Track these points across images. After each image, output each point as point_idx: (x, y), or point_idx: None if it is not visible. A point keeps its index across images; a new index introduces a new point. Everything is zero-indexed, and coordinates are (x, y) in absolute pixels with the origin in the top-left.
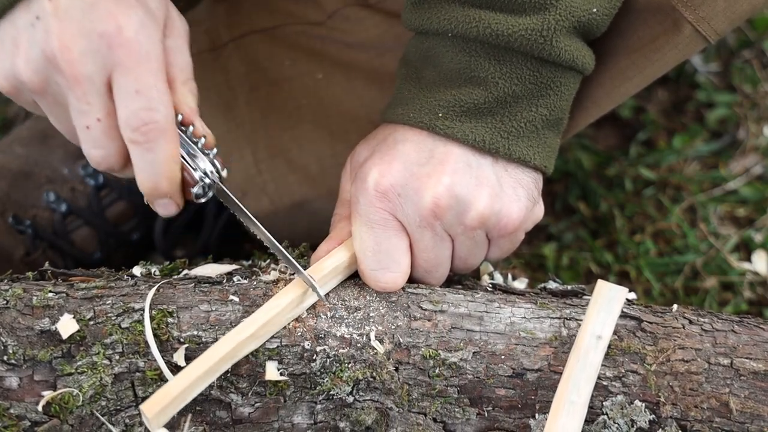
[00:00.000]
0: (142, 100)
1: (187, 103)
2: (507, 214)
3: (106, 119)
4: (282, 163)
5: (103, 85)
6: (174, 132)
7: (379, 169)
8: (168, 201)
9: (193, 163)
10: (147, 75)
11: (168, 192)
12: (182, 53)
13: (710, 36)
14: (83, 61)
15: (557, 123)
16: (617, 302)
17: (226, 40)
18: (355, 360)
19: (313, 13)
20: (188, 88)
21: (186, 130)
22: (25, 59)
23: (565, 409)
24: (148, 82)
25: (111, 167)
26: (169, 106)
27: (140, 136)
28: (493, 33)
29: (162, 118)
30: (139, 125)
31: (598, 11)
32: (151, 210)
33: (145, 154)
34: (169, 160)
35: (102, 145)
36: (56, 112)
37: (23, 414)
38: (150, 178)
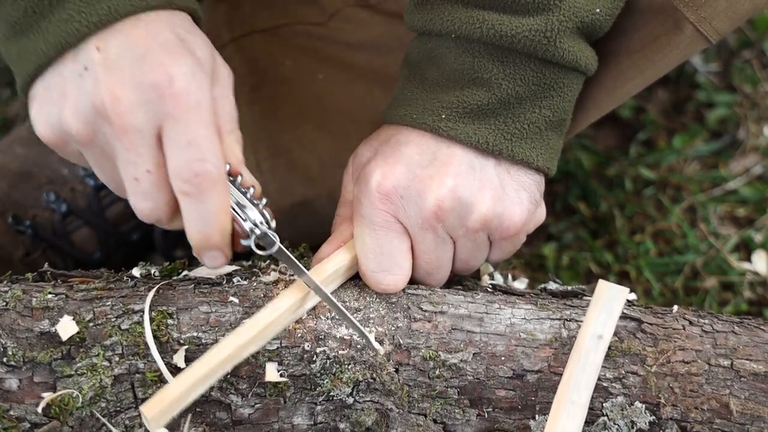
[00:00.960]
0: (194, 151)
1: (234, 153)
2: (509, 217)
3: (156, 171)
4: (283, 164)
5: (153, 137)
6: (225, 183)
7: (382, 171)
8: (217, 253)
9: (243, 213)
10: (198, 126)
11: (218, 244)
12: (228, 102)
13: (711, 36)
14: (134, 112)
15: (560, 124)
16: (618, 302)
17: (227, 40)
18: (355, 361)
19: (314, 13)
20: (234, 137)
21: (234, 180)
22: (74, 110)
23: (566, 410)
24: (199, 133)
25: (159, 219)
26: (220, 156)
27: (192, 188)
28: (497, 34)
29: (213, 168)
30: (191, 177)
31: (601, 11)
32: None
33: (197, 205)
34: (221, 212)
35: (151, 197)
36: (103, 164)
37: (23, 416)
38: (201, 230)
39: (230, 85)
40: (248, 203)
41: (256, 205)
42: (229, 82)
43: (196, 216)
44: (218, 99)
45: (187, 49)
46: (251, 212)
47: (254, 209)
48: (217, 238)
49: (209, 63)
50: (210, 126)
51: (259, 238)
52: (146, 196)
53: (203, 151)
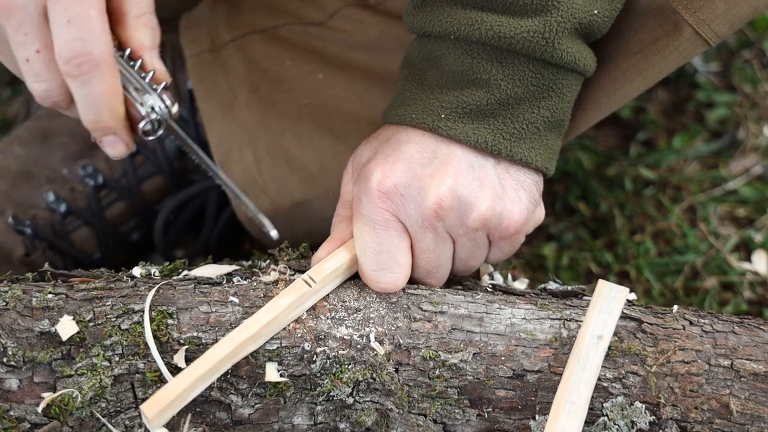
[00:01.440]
0: (73, 31)
1: (136, 37)
2: (509, 216)
3: (46, 51)
4: (282, 163)
5: (40, 16)
6: (111, 64)
7: (382, 170)
8: (114, 138)
9: (140, 98)
10: (78, 4)
11: (111, 126)
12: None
13: (711, 39)
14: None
15: (559, 125)
16: (618, 302)
17: (227, 40)
18: (355, 361)
19: (313, 13)
20: (142, 21)
21: (135, 64)
22: None
23: (566, 410)
24: (78, 11)
25: (56, 103)
26: (104, 36)
27: (74, 69)
28: (495, 35)
29: (95, 49)
30: (71, 57)
31: (599, 13)
32: (151, 210)
33: (82, 87)
34: (108, 93)
35: (44, 77)
36: (1, 49)
37: (23, 416)
38: (90, 112)
39: None
40: (147, 88)
41: (155, 89)
42: None
43: (83, 98)
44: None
45: None
46: (149, 97)
47: (153, 94)
48: (108, 120)
49: None
50: (92, 5)
51: (156, 123)
52: (39, 76)
53: (83, 31)
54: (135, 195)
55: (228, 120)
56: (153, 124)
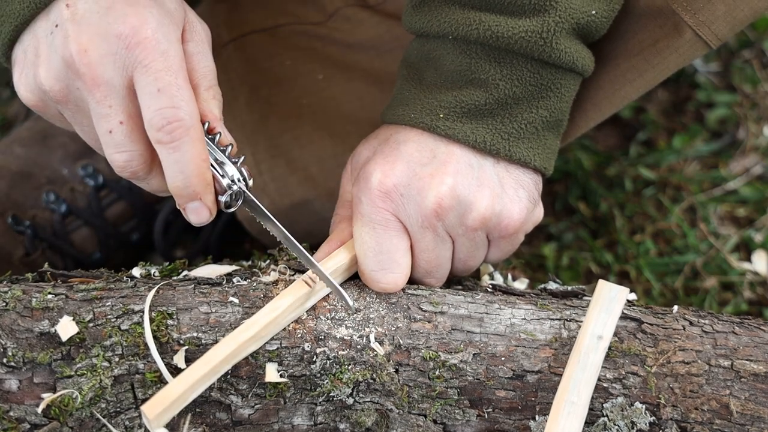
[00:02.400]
0: (165, 99)
1: (211, 110)
2: (508, 215)
3: (129, 122)
4: (282, 164)
5: (124, 88)
6: (199, 130)
7: (382, 170)
8: (199, 205)
9: (221, 170)
10: (167, 74)
11: (199, 192)
12: (204, 58)
13: (711, 41)
14: (101, 63)
15: (557, 124)
16: (618, 302)
17: (227, 40)
18: (355, 362)
19: (313, 13)
20: (212, 94)
21: (213, 138)
22: (46, 68)
23: (566, 410)
24: (168, 81)
25: (135, 172)
26: (193, 104)
27: (165, 135)
28: (494, 35)
29: (186, 115)
30: (164, 124)
31: (598, 13)
32: (152, 210)
33: (173, 153)
34: (197, 158)
35: (125, 148)
36: (81, 121)
37: (23, 417)
38: (179, 177)
39: (206, 42)
40: (227, 160)
41: (234, 162)
42: (204, 38)
43: (173, 164)
44: (193, 54)
45: (154, 1)
46: (229, 168)
47: (232, 166)
48: (196, 186)
49: (180, 15)
50: (179, 74)
51: (236, 195)
52: (120, 147)
53: (174, 99)
54: (135, 195)
55: (228, 120)
56: (232, 196)
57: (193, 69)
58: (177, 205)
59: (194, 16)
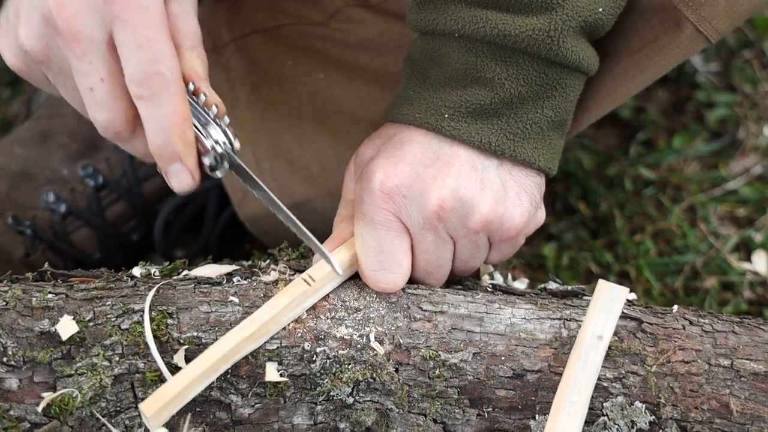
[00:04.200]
0: (145, 53)
1: (194, 69)
2: (510, 219)
3: (110, 79)
4: (283, 164)
5: (104, 44)
6: (180, 86)
7: (384, 170)
8: (181, 167)
9: (205, 131)
10: (147, 28)
11: (179, 152)
12: (188, 18)
13: (711, 36)
14: (80, 17)
15: (562, 124)
16: (618, 302)
17: (228, 40)
18: (355, 361)
19: (314, 13)
20: (196, 53)
21: (197, 98)
22: (26, 26)
23: (566, 409)
24: (149, 35)
25: (118, 132)
26: (174, 59)
27: (146, 90)
28: (500, 33)
29: (166, 70)
30: (144, 78)
31: (604, 11)
32: (151, 210)
33: (153, 109)
34: (177, 115)
35: (107, 106)
36: (63, 81)
37: (23, 416)
38: (159, 135)
39: (191, 3)
40: (211, 121)
41: (218, 124)
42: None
43: (154, 121)
44: (176, 14)
45: None
46: (213, 130)
47: (217, 128)
48: (176, 145)
49: None
50: (160, 29)
51: (221, 157)
52: (102, 105)
53: (154, 53)
54: (135, 195)
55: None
56: (217, 158)
57: (176, 29)
58: (158, 168)
59: None
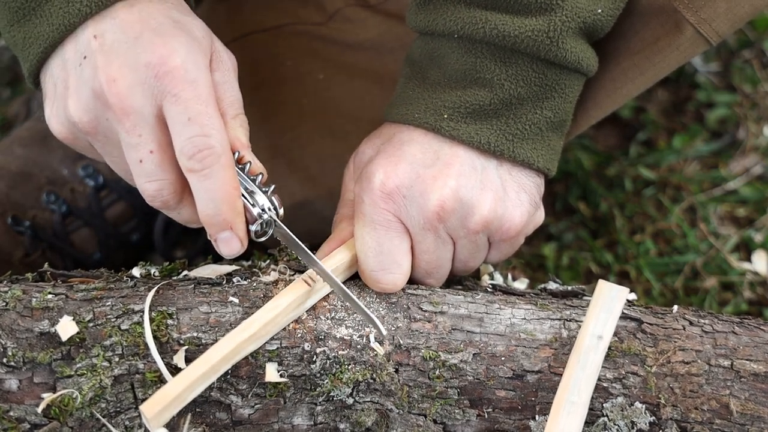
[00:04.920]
0: (195, 128)
1: (239, 138)
2: (510, 219)
3: (159, 151)
4: (283, 164)
5: (154, 117)
6: (230, 158)
7: (384, 170)
8: (230, 235)
9: (252, 199)
10: (197, 102)
11: (230, 221)
12: (231, 86)
13: (712, 38)
14: (131, 93)
15: (561, 125)
16: (618, 302)
17: (227, 40)
18: (355, 361)
19: (314, 13)
20: (239, 122)
21: (243, 167)
22: (76, 99)
23: (566, 409)
24: (198, 110)
25: (166, 201)
26: (223, 132)
27: (196, 164)
28: (500, 34)
29: (216, 143)
30: (195, 152)
31: (603, 12)
32: (151, 210)
33: (204, 181)
34: (228, 186)
35: (156, 177)
36: (111, 152)
37: (23, 416)
38: (210, 206)
39: (233, 70)
40: (257, 189)
41: (264, 191)
42: (230, 66)
43: (204, 192)
44: (220, 83)
45: (182, 30)
46: (259, 197)
47: (262, 195)
48: (227, 214)
49: (207, 44)
50: (209, 103)
51: (267, 224)
52: (151, 176)
53: (205, 127)
54: (135, 195)
55: None
56: (263, 225)
57: (220, 98)
58: (208, 236)
59: (220, 45)
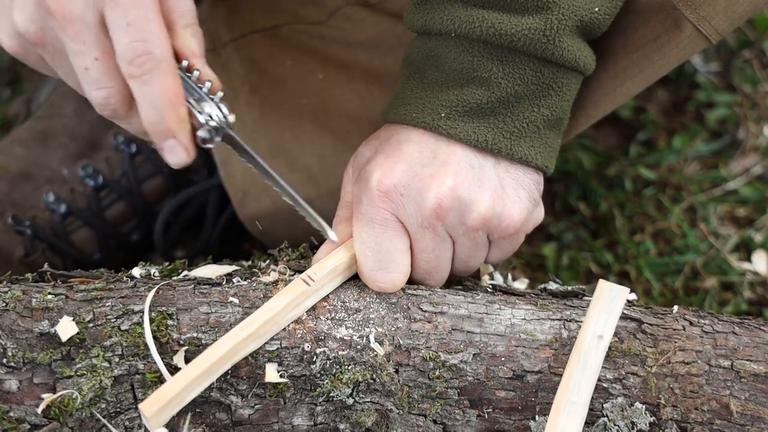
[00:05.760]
0: (134, 32)
1: (188, 46)
2: (508, 216)
3: (104, 57)
4: (283, 164)
5: (96, 24)
6: (171, 64)
7: (382, 170)
8: (174, 142)
9: (198, 106)
10: (137, 7)
11: (173, 128)
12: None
13: (711, 36)
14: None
15: (558, 123)
16: (618, 302)
17: (227, 40)
18: (355, 362)
19: (313, 12)
20: (190, 31)
21: (191, 75)
22: (20, 10)
23: (566, 410)
24: (138, 14)
25: (115, 110)
26: (164, 37)
27: (136, 69)
28: (497, 33)
29: (156, 49)
30: (134, 57)
31: (600, 10)
32: (151, 211)
33: (144, 87)
34: (169, 92)
35: (102, 84)
36: (59, 62)
37: (23, 417)
38: (152, 112)
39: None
40: (204, 96)
41: (212, 98)
42: None
43: (146, 99)
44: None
45: None
46: (206, 105)
47: (210, 103)
48: (170, 121)
49: None
50: (150, 8)
51: (215, 131)
52: (98, 83)
53: (144, 32)
54: (135, 195)
55: None
56: (211, 132)
57: (169, 7)
58: (154, 145)
59: None
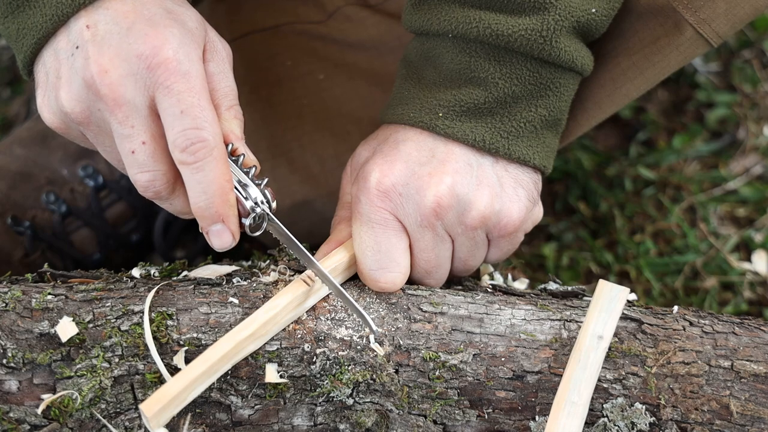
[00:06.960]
0: (188, 120)
1: (232, 130)
2: (507, 214)
3: (151, 142)
4: (283, 163)
5: (146, 108)
6: (223, 150)
7: (381, 169)
8: (222, 227)
9: (245, 192)
10: (189, 94)
11: (222, 214)
12: (225, 77)
13: (712, 39)
14: (122, 84)
15: (556, 123)
16: (618, 302)
17: (227, 40)
18: (355, 362)
19: (313, 12)
20: (233, 114)
21: (236, 159)
22: (67, 90)
23: (566, 410)
24: (191, 102)
25: (158, 192)
26: (216, 124)
27: (189, 156)
28: (493, 33)
29: (209, 136)
30: (187, 145)
31: (597, 12)
32: (151, 211)
33: (196, 173)
34: (220, 179)
35: (148, 168)
36: (102, 141)
37: (23, 417)
38: (202, 198)
39: (227, 60)
40: (250, 182)
41: (257, 184)
42: (225, 56)
43: (196, 185)
44: (214, 74)
45: (175, 20)
46: (252, 190)
47: (255, 188)
48: (219, 207)
49: (201, 34)
50: (202, 95)
51: (260, 217)
52: (143, 167)
53: (197, 119)
54: (135, 195)
55: None
56: (256, 218)
57: (214, 89)
58: (200, 228)
59: (215, 35)
